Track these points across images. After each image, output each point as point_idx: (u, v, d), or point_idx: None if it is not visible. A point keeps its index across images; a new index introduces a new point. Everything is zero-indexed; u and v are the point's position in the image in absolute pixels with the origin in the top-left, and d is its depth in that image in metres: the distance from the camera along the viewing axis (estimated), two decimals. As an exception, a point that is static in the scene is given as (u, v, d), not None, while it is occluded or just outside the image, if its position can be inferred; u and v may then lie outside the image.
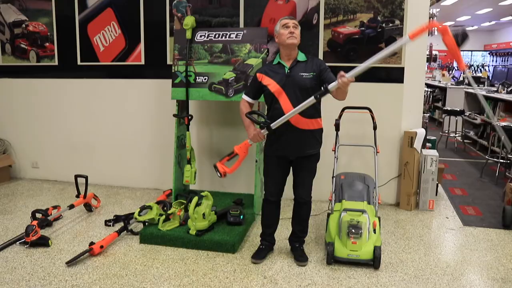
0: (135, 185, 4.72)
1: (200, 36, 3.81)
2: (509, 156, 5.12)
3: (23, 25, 4.80)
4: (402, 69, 4.01)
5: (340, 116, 3.72)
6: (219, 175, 2.69)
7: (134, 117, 4.60)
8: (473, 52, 22.51)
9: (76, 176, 3.88)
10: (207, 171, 4.42)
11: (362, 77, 3.96)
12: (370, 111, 3.65)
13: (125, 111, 4.62)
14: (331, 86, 2.42)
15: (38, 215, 3.50)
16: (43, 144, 4.95)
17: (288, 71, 2.69)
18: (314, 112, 2.73)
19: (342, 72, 2.38)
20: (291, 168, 2.88)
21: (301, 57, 2.74)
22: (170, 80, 3.90)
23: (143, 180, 4.69)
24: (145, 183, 4.69)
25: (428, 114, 8.23)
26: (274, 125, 2.59)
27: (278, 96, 2.68)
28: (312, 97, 2.47)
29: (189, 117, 3.91)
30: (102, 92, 4.66)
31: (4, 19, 4.85)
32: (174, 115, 3.90)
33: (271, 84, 2.69)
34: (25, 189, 4.69)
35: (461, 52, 2.42)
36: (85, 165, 4.70)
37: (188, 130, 3.95)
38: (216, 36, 3.77)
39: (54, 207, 3.72)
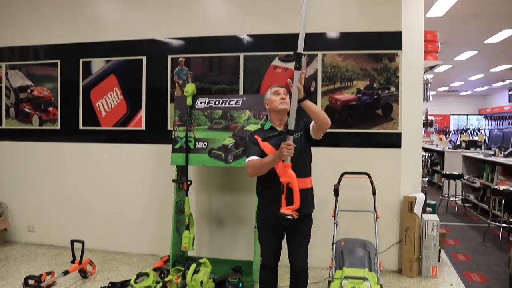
0: (132, 251, 4.61)
1: (201, 103, 3.90)
2: (511, 220, 5.06)
3: (28, 90, 4.91)
4: (399, 134, 4.06)
5: (339, 182, 3.71)
6: (290, 218, 2.40)
7: (133, 182, 4.59)
8: (468, 116, 22.94)
9: (72, 241, 3.81)
10: (205, 237, 4.35)
11: (360, 143, 4.08)
12: (369, 176, 3.65)
13: (125, 176, 4.62)
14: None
15: (31, 282, 3.40)
16: (40, 207, 4.90)
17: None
18: (306, 170, 2.74)
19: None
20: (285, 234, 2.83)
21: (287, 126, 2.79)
22: (170, 145, 3.94)
23: (140, 246, 4.60)
24: (142, 249, 4.59)
25: (427, 178, 8.23)
26: (290, 125, 2.48)
27: None
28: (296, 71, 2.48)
29: (189, 183, 3.90)
30: (102, 156, 4.68)
31: (11, 84, 4.97)
32: (173, 180, 3.89)
33: (267, 147, 2.71)
34: (19, 253, 4.58)
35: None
36: (82, 229, 4.62)
37: (187, 195, 3.92)
38: (216, 103, 3.86)
39: (48, 273, 3.61)
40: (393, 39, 4.05)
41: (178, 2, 4.47)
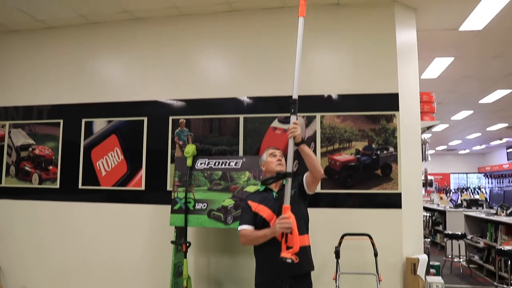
0: (127, 315, 4.46)
1: (200, 164, 3.92)
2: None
3: (30, 149, 4.95)
4: (399, 194, 4.05)
5: (339, 243, 3.66)
6: (290, 261, 2.36)
7: (131, 243, 4.51)
8: (468, 174, 22.96)
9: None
10: (203, 300, 4.22)
11: (361, 204, 4.07)
12: (370, 237, 3.61)
13: (122, 236, 4.55)
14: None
15: None
16: (34, 268, 4.77)
17: (277, 195, 2.75)
18: (302, 227, 2.71)
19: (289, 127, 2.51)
20: None
21: (285, 181, 2.80)
22: (169, 206, 3.92)
23: (135, 309, 4.45)
24: (137, 313, 4.44)
25: (430, 239, 8.10)
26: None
27: (270, 220, 2.68)
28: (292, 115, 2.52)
29: (187, 244, 3.84)
30: (100, 216, 4.63)
31: (13, 142, 5.02)
32: (172, 242, 3.83)
33: (263, 210, 2.71)
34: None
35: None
36: (76, 291, 4.50)
37: (185, 257, 3.85)
38: (216, 164, 3.88)
39: None
40: (390, 101, 4.15)
41: (180, 65, 4.62)
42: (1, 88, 5.14)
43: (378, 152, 4.11)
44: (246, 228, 2.73)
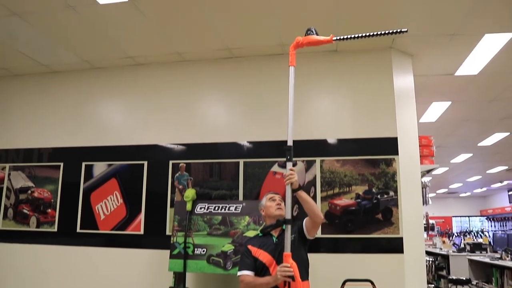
0: None
1: (200, 208, 3.91)
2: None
3: (29, 191, 4.94)
4: (401, 239, 4.01)
5: (341, 290, 3.59)
6: None
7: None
8: (470, 217, 22.75)
9: None
10: None
11: (362, 249, 4.02)
12: (372, 283, 3.54)
13: (120, 281, 4.44)
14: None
15: None
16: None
17: (277, 240, 2.72)
18: (303, 274, 2.64)
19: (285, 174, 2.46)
20: None
21: (285, 227, 2.78)
22: (168, 251, 3.87)
23: None
24: None
25: (433, 284, 7.93)
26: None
27: (269, 266, 2.65)
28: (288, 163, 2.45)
29: (185, 290, 3.77)
30: (98, 260, 4.55)
31: (12, 185, 5.01)
32: (170, 288, 3.77)
33: (262, 255, 2.68)
34: None
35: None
36: None
37: (183, 303, 3.77)
38: (216, 208, 3.87)
39: None
40: (389, 145, 4.18)
41: (180, 109, 4.68)
42: (3, 130, 5.19)
43: (379, 196, 4.10)
44: (246, 274, 2.68)
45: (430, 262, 9.42)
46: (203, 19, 3.88)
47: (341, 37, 2.41)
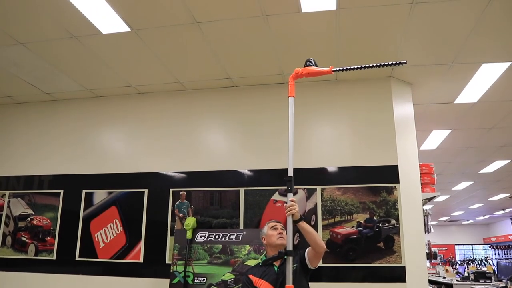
0: None
1: (200, 237, 3.88)
2: None
3: (28, 219, 4.91)
4: (403, 267, 3.96)
5: (343, 320, 3.53)
6: None
7: (127, 318, 4.35)
8: (473, 246, 22.50)
9: None
10: None
11: (363, 278, 3.97)
12: (375, 314, 3.48)
13: (118, 311, 4.40)
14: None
15: None
16: None
17: (278, 269, 2.68)
18: None
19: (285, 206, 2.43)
20: None
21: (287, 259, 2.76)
22: (168, 280, 3.82)
23: None
24: None
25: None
26: (289, 246, 2.36)
27: None
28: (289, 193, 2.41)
29: (185, 321, 3.71)
30: (96, 290, 4.51)
31: (11, 212, 4.99)
32: (168, 318, 3.71)
33: (264, 285, 2.64)
34: None
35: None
36: None
37: (182, 334, 3.70)
38: (216, 237, 3.85)
39: None
40: (390, 173, 4.18)
41: (181, 137, 4.71)
42: (4, 157, 5.21)
43: (380, 224, 4.07)
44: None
45: (434, 292, 9.28)
46: (204, 49, 3.94)
47: (340, 69, 2.45)
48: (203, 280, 3.69)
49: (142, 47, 3.90)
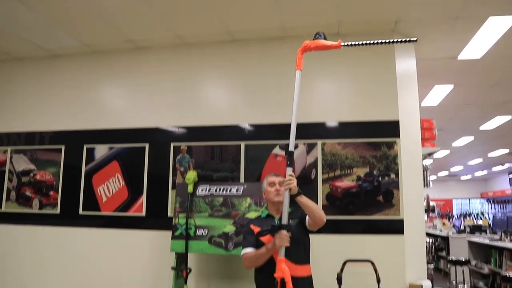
0: None
1: (202, 190, 3.93)
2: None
3: (31, 174, 4.96)
4: (401, 220, 4.04)
5: (342, 269, 3.63)
6: None
7: (131, 268, 4.47)
8: (470, 200, 22.84)
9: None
10: (203, 329, 4.16)
11: (362, 230, 4.05)
12: (373, 263, 3.58)
13: (122, 262, 4.51)
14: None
15: None
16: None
17: (278, 222, 2.71)
18: (303, 258, 2.70)
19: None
20: None
21: (289, 209, 2.79)
22: (170, 232, 3.90)
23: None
24: None
25: (433, 265, 8.00)
26: (284, 220, 2.46)
27: None
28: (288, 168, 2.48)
29: (188, 270, 3.81)
30: (100, 241, 4.60)
31: (14, 168, 5.03)
32: (172, 268, 3.81)
33: (264, 236, 2.68)
34: None
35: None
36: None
37: (186, 283, 3.80)
38: (217, 190, 3.89)
39: None
40: (391, 128, 4.18)
41: (182, 92, 4.67)
42: (4, 114, 5.20)
43: (380, 178, 4.11)
44: (249, 251, 2.70)
45: (430, 243, 9.49)
46: (204, 1, 3.83)
47: (349, 43, 2.43)
48: (205, 232, 3.76)
49: (141, 0, 3.79)
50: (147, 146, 4.63)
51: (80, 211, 4.72)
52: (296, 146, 4.22)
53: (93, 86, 4.97)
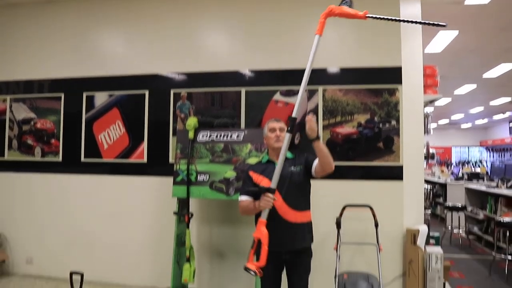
0: (132, 283, 4.54)
1: (202, 136, 3.93)
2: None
3: (32, 123, 4.96)
4: (401, 167, 4.07)
5: (341, 214, 3.70)
6: (253, 274, 2.36)
7: (134, 214, 4.57)
8: (469, 148, 22.98)
9: (72, 273, 3.76)
10: (206, 269, 4.30)
11: (362, 176, 4.09)
12: (371, 208, 3.64)
13: (125, 208, 4.61)
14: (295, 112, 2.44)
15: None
16: (40, 238, 4.85)
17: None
18: (303, 204, 2.73)
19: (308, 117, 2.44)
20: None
21: (289, 154, 2.79)
22: (172, 178, 3.95)
23: (140, 278, 4.53)
24: (142, 281, 4.52)
25: (430, 211, 8.17)
26: (273, 184, 2.48)
27: None
28: (287, 133, 2.45)
29: (189, 215, 3.89)
30: (103, 188, 4.68)
31: (14, 116, 5.03)
32: (174, 213, 3.89)
33: (264, 181, 2.70)
34: (17, 285, 4.51)
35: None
36: (81, 261, 4.58)
37: (188, 228, 3.90)
38: (218, 136, 3.89)
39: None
40: (393, 74, 4.12)
41: (181, 38, 4.58)
42: (2, 62, 5.11)
43: (380, 125, 4.11)
44: (244, 199, 2.74)
45: (428, 189, 9.66)
46: None
47: (375, 16, 2.36)
48: (206, 177, 3.80)
49: None
50: (147, 93, 4.59)
51: (82, 159, 4.76)
52: (296, 92, 4.19)
53: (92, 33, 4.86)
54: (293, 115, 2.42)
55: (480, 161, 17.63)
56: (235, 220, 4.22)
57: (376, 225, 3.60)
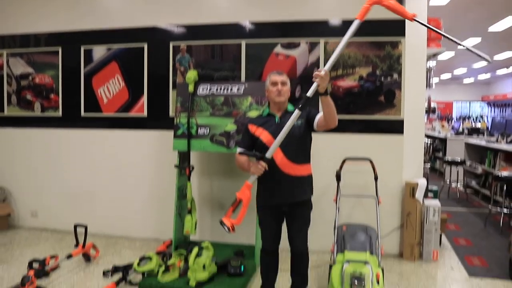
0: (135, 235, 4.66)
1: (202, 90, 3.90)
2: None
3: (30, 78, 4.91)
4: (402, 121, 4.07)
5: (341, 167, 3.73)
6: (227, 230, 2.45)
7: (136, 167, 4.62)
8: (471, 102, 22.86)
9: (76, 226, 3.85)
10: (207, 221, 4.38)
11: (363, 129, 4.09)
12: (371, 162, 3.66)
13: (127, 161, 4.64)
14: (310, 91, 2.36)
15: (35, 265, 3.45)
16: (43, 193, 4.93)
17: (279, 120, 2.73)
18: (303, 157, 2.75)
19: (316, 72, 2.36)
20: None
21: (291, 108, 2.78)
22: (172, 131, 3.95)
23: (142, 230, 4.64)
24: (145, 233, 4.64)
25: (429, 165, 8.24)
26: (268, 153, 2.51)
27: (269, 145, 2.60)
28: (296, 109, 2.42)
29: (190, 168, 3.93)
30: (104, 142, 4.70)
31: (12, 71, 4.97)
32: (175, 166, 3.92)
33: (263, 134, 2.71)
34: (22, 238, 4.63)
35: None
36: (84, 214, 4.67)
37: (189, 180, 3.94)
38: (218, 90, 3.86)
39: (52, 257, 3.64)
40: (396, 27, 4.03)
41: (180, -12, 4.45)
42: (-3, 16, 5.01)
43: (382, 78, 4.06)
44: (240, 151, 2.78)
45: (428, 144, 9.70)
46: None
47: (421, 22, 2.35)
48: (206, 131, 3.80)
49: None
50: (145, 46, 4.51)
51: (82, 113, 4.76)
52: (298, 45, 4.14)
53: (87, -17, 4.72)
54: (308, 94, 2.36)
55: (481, 116, 17.58)
56: (235, 172, 4.24)
57: (376, 178, 3.63)
